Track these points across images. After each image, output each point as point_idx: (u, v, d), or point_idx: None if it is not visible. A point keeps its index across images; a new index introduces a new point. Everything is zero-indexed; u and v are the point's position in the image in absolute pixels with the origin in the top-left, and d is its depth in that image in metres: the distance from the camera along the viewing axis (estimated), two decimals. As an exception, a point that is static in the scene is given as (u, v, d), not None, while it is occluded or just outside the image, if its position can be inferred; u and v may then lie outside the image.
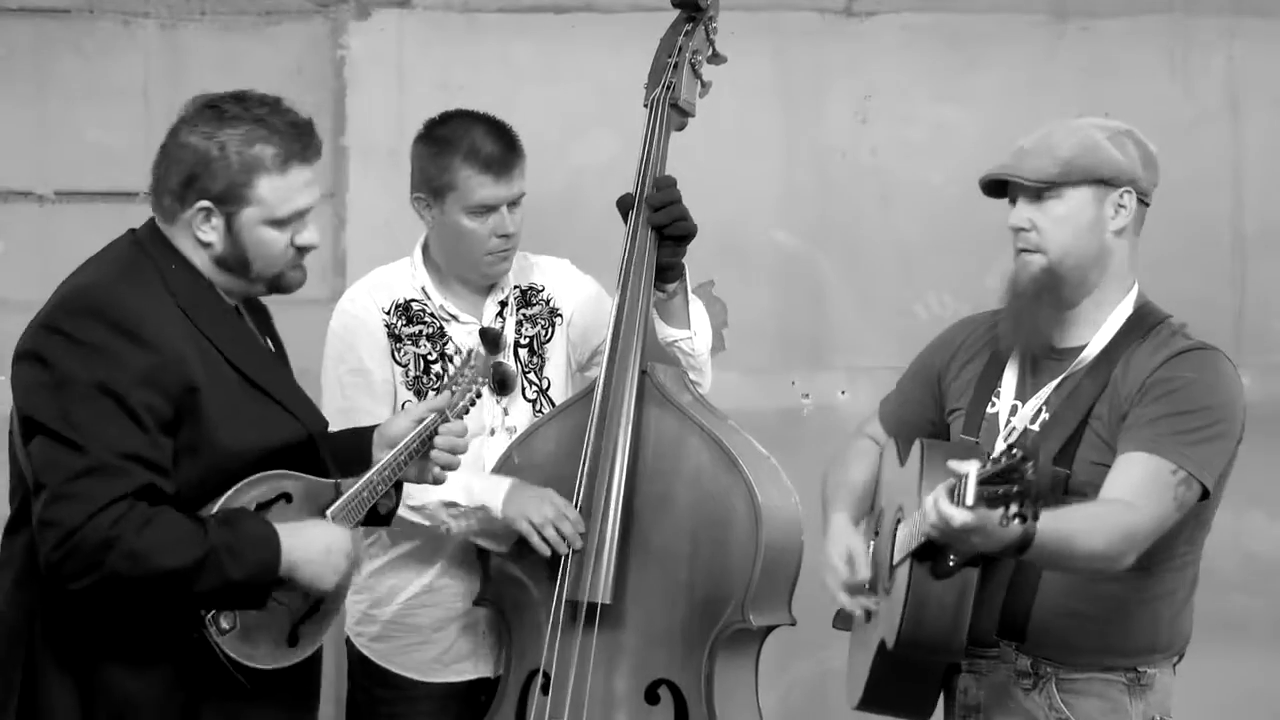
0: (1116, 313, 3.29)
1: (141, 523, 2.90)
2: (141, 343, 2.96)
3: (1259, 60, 4.72)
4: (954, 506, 2.84)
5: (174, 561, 2.91)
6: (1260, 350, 4.68)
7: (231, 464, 3.02)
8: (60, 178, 4.55)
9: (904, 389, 3.54)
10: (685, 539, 3.61)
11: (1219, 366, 3.24)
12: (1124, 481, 3.12)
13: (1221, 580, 4.43)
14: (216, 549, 2.93)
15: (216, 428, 3.01)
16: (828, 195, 4.67)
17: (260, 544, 2.99)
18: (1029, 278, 3.26)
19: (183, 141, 3.08)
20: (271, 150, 3.06)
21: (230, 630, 3.01)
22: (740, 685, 3.66)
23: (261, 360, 3.17)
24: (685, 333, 3.81)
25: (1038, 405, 3.27)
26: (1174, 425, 3.14)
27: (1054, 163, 3.24)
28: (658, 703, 3.61)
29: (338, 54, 4.60)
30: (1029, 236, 3.26)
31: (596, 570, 3.61)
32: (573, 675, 3.61)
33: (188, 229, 3.09)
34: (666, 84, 3.79)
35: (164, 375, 2.97)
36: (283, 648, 3.08)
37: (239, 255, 3.09)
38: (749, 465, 3.61)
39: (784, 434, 4.55)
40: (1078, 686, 3.24)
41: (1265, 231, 4.71)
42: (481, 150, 3.75)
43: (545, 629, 3.64)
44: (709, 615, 3.58)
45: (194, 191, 3.06)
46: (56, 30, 4.55)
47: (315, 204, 3.15)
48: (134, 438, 2.93)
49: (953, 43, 4.69)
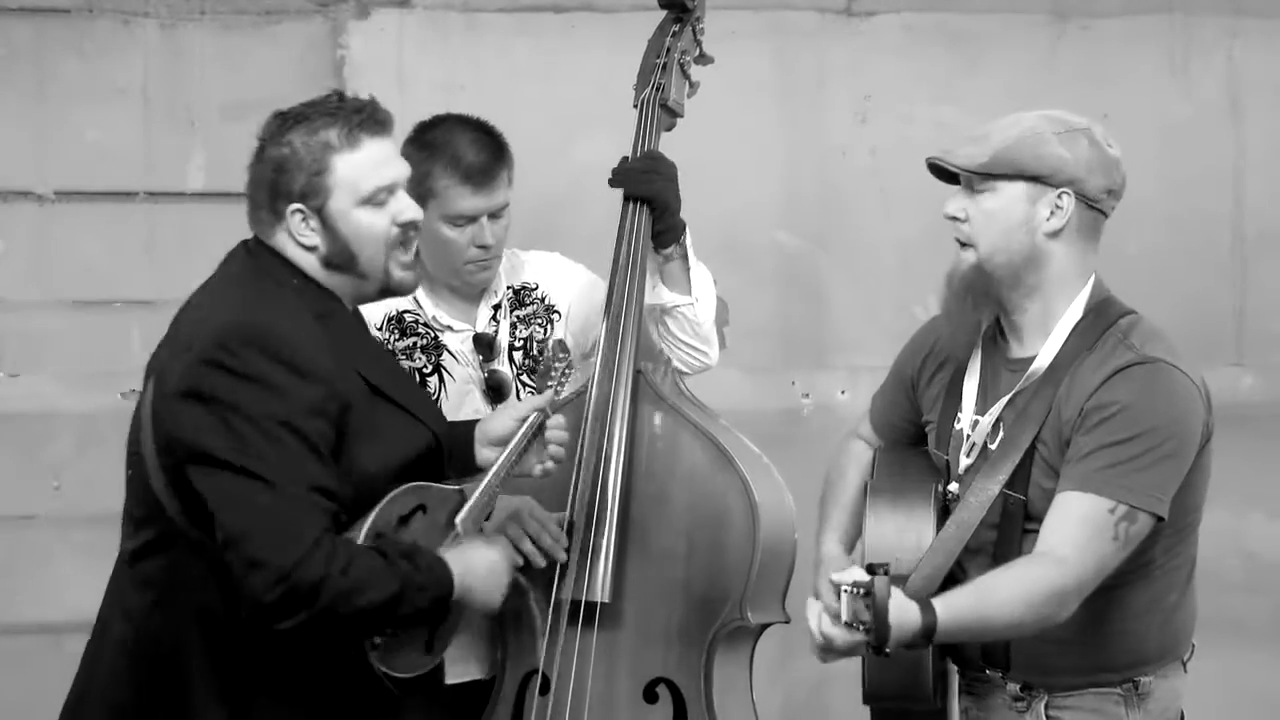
0: (1064, 321, 3.13)
1: (346, 561, 2.92)
2: (304, 373, 2.95)
3: (1259, 60, 4.72)
4: (831, 625, 2.86)
5: (378, 598, 2.95)
6: (1261, 351, 4.69)
7: (374, 481, 3.04)
8: (60, 177, 4.55)
9: (886, 392, 3.49)
10: (682, 538, 3.61)
11: (1160, 380, 3.04)
12: (1058, 529, 3.00)
13: (1222, 580, 4.44)
14: (407, 584, 2.97)
15: (360, 448, 3.03)
16: (828, 195, 4.68)
17: (438, 575, 3.03)
18: (959, 274, 3.14)
19: (260, 158, 3.07)
20: (336, 129, 3.04)
21: (380, 647, 3.03)
22: (737, 682, 3.65)
23: (388, 368, 3.19)
24: (686, 298, 3.77)
25: (993, 420, 3.16)
26: (1112, 456, 2.99)
27: (985, 152, 3.09)
28: (656, 701, 3.60)
29: (337, 54, 4.60)
30: (962, 228, 3.13)
31: (594, 569, 3.59)
32: (571, 675, 3.59)
33: (290, 240, 3.07)
34: (655, 85, 3.77)
35: (328, 403, 2.97)
36: (421, 655, 3.12)
37: (342, 248, 3.07)
38: (744, 463, 3.61)
39: (784, 433, 4.55)
40: (1070, 703, 3.17)
41: (1266, 232, 4.71)
42: (463, 160, 3.71)
43: (541, 629, 3.63)
44: (707, 613, 3.58)
45: (281, 199, 3.05)
46: (56, 30, 4.55)
47: (403, 180, 3.11)
48: (315, 469, 2.94)
49: (953, 43, 4.69)
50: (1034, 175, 3.08)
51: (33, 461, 4.53)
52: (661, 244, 3.72)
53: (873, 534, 3.21)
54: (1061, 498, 3.02)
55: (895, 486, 3.25)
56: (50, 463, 4.51)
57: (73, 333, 4.53)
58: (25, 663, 4.40)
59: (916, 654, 3.05)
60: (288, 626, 2.92)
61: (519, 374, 3.85)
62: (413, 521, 3.08)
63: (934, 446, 3.30)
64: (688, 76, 3.81)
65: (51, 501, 4.49)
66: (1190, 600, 3.23)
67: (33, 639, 4.43)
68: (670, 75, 3.77)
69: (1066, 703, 3.16)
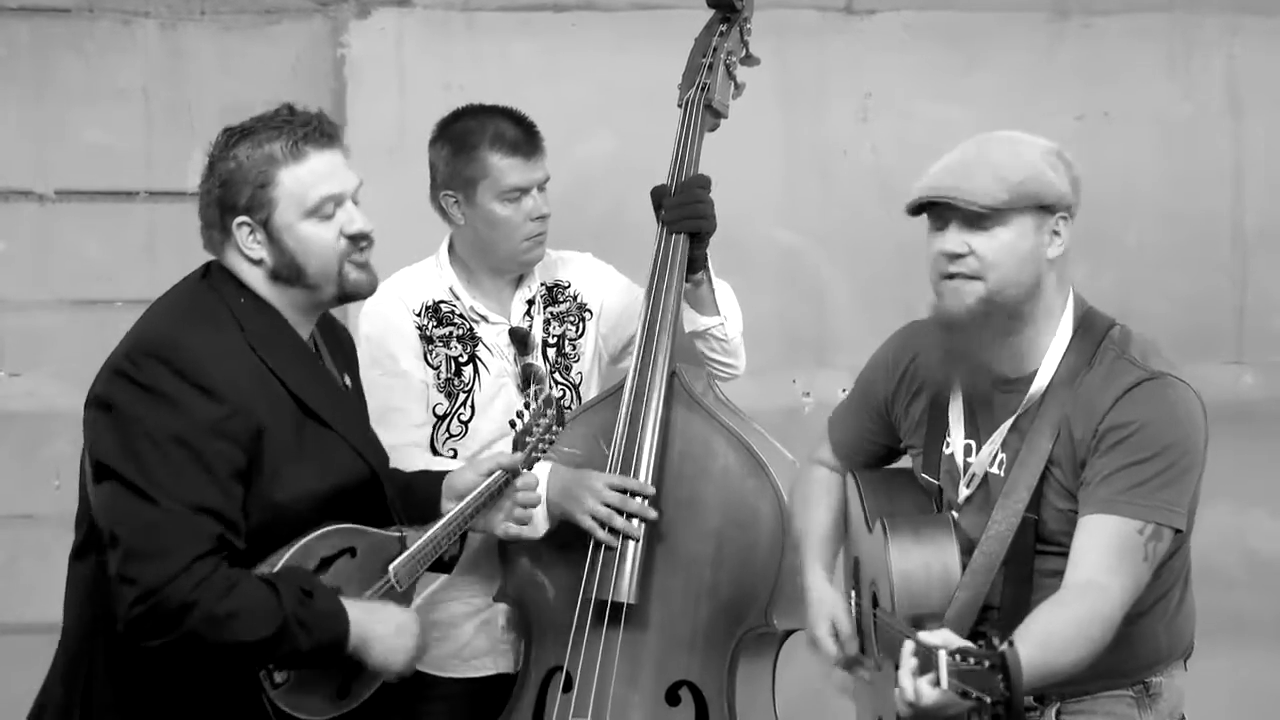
0: (1058, 338, 3.12)
1: (224, 590, 2.89)
2: (209, 391, 2.93)
3: (1260, 58, 4.72)
4: (926, 684, 2.74)
5: (250, 634, 2.91)
6: (1261, 349, 4.69)
7: (294, 506, 3.01)
8: (60, 177, 4.56)
9: (853, 416, 3.44)
10: (711, 541, 3.60)
11: (1171, 397, 3.05)
12: (1092, 555, 2.99)
13: (1224, 577, 4.44)
14: (288, 622, 2.92)
15: (281, 469, 2.99)
16: (829, 194, 4.67)
17: (331, 621, 2.98)
18: (965, 309, 3.06)
19: (209, 174, 3.07)
20: (280, 142, 3.03)
21: (283, 685, 3.00)
22: (760, 688, 3.65)
23: (329, 393, 3.14)
24: (716, 319, 3.80)
25: (994, 448, 3.14)
26: (1134, 477, 3.00)
27: (1004, 187, 3.03)
28: (678, 704, 3.60)
29: (338, 53, 4.60)
30: (967, 262, 3.05)
31: (620, 570, 3.58)
32: (595, 675, 3.59)
33: (239, 255, 3.07)
34: (701, 85, 3.76)
35: (234, 424, 2.94)
36: (332, 699, 3.08)
37: (289, 261, 3.05)
38: (775, 469, 3.60)
39: (786, 432, 4.52)
40: (1084, 707, 3.16)
41: (1266, 230, 4.71)
42: (506, 135, 3.75)
43: (567, 627, 3.62)
44: (733, 618, 3.57)
45: (229, 213, 3.05)
46: (57, 30, 4.55)
47: (351, 190, 3.09)
48: (207, 490, 2.91)
49: (953, 41, 4.69)
50: (1042, 205, 3.07)
51: (33, 460, 4.53)
52: (690, 270, 3.72)
53: (900, 570, 3.15)
54: (1088, 522, 3.02)
55: (908, 517, 3.22)
56: (51, 461, 4.50)
57: (73, 332, 4.52)
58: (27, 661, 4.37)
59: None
60: (153, 646, 2.89)
61: (552, 371, 3.86)
62: (337, 563, 3.04)
63: (920, 471, 3.28)
64: (733, 77, 3.81)
65: (52, 500, 4.48)
66: (1190, 598, 3.24)
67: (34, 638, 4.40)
68: (716, 75, 3.77)
69: (1079, 707, 3.15)
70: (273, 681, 2.99)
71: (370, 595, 3.10)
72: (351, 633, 3.00)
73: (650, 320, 3.67)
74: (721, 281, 3.82)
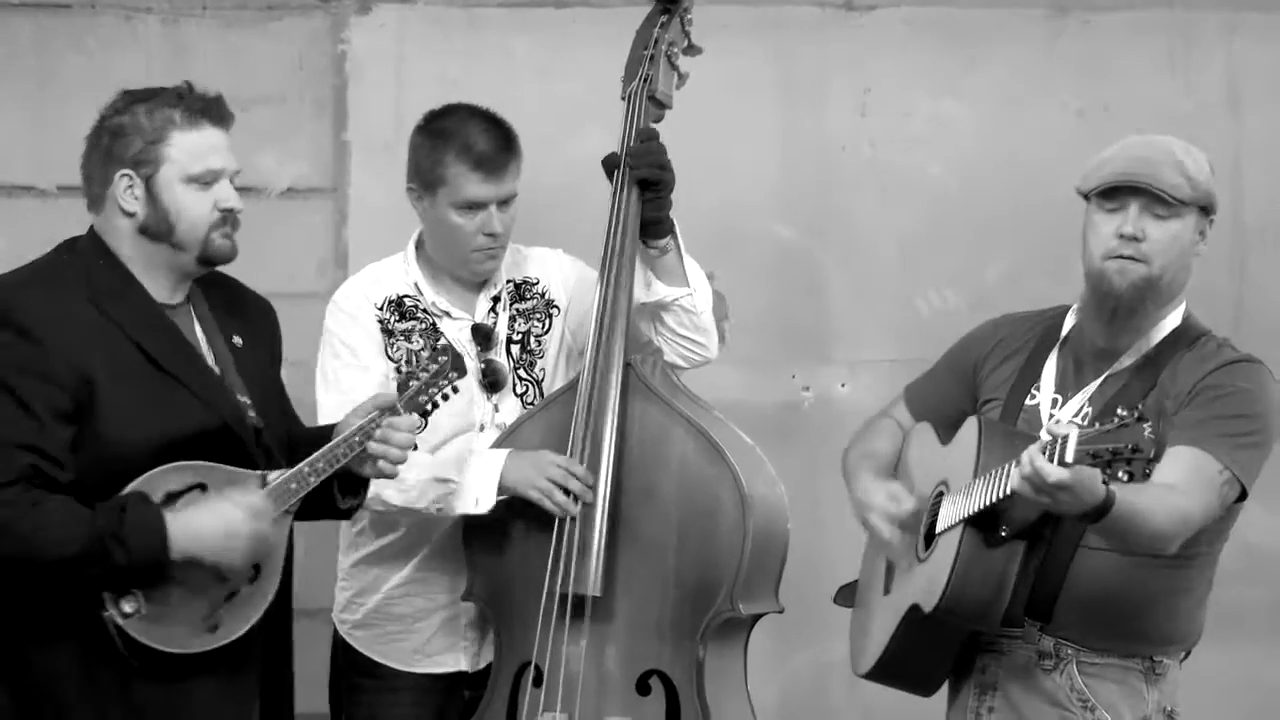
0: (1165, 323, 3.33)
1: (28, 508, 3.00)
2: (31, 338, 3.06)
3: (1259, 54, 4.72)
4: (1050, 464, 2.90)
5: (60, 549, 3.00)
6: (1259, 344, 4.65)
7: (132, 452, 3.09)
8: (62, 172, 4.51)
9: (936, 377, 3.56)
10: (673, 530, 3.62)
11: (1264, 379, 3.30)
12: (1175, 471, 3.15)
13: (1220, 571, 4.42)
14: (102, 536, 3.00)
15: (113, 416, 3.09)
16: (828, 189, 4.68)
17: (146, 530, 3.04)
18: (1129, 284, 3.26)
19: (99, 128, 3.22)
20: (180, 110, 3.19)
21: (133, 614, 3.05)
22: (730, 674, 3.67)
23: (177, 347, 3.21)
24: (684, 290, 3.79)
25: (1082, 402, 3.31)
26: (1223, 428, 3.20)
27: (1189, 184, 3.27)
28: (649, 693, 3.62)
29: (339, 49, 4.62)
30: (1139, 246, 3.26)
31: (585, 563, 3.61)
32: (564, 668, 3.62)
33: (115, 206, 3.19)
34: (644, 76, 3.78)
35: (54, 366, 3.06)
36: (200, 634, 3.12)
37: (161, 218, 3.18)
38: (734, 455, 3.62)
39: (784, 426, 4.56)
40: (1097, 670, 3.27)
41: (1265, 225, 4.71)
42: (475, 147, 3.74)
43: (534, 622, 3.64)
44: (699, 605, 3.60)
45: (113, 162, 3.18)
46: (59, 25, 4.57)
47: (231, 171, 3.23)
48: (21, 425, 3.04)
49: (952, 37, 4.69)
50: (1206, 207, 3.32)
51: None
52: (654, 235, 3.73)
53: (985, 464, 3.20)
54: (1175, 450, 3.18)
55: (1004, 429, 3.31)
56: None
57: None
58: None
59: (1008, 569, 3.13)
60: None
61: (516, 368, 3.86)
62: (185, 497, 3.10)
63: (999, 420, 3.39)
64: (676, 68, 3.82)
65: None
66: (1206, 602, 3.37)
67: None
68: (658, 66, 3.78)
69: (1094, 670, 3.26)
70: (122, 612, 3.04)
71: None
72: (172, 539, 3.06)
73: (604, 312, 3.70)
74: (690, 258, 3.81)
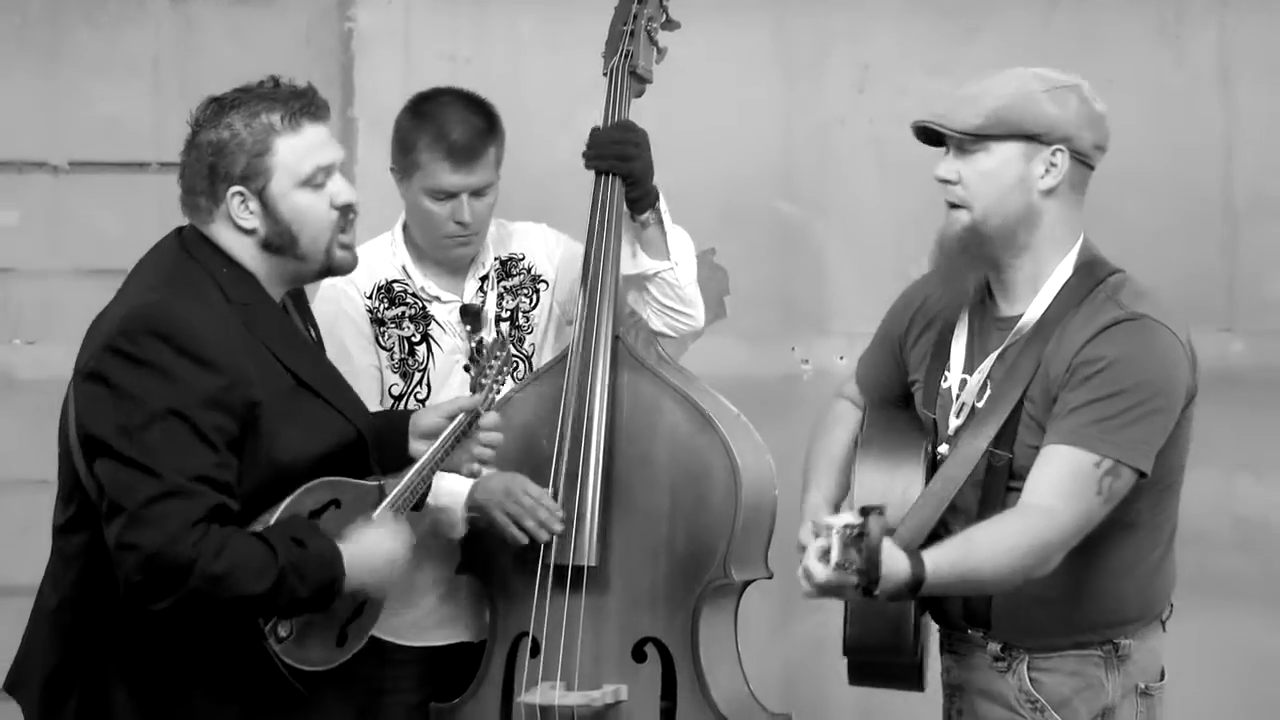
0: (1054, 278, 3.14)
1: (218, 548, 2.94)
2: (205, 364, 2.98)
3: (1251, 30, 4.72)
4: (820, 564, 2.80)
5: (250, 587, 2.96)
6: (1250, 316, 4.70)
7: (289, 472, 3.06)
8: (73, 148, 4.59)
9: (873, 352, 3.46)
10: (665, 499, 3.66)
11: (1146, 337, 3.05)
12: (1044, 482, 3.00)
13: (1211, 541, 4.48)
14: (286, 571, 2.98)
15: (275, 439, 3.04)
16: (827, 164, 4.70)
17: (326, 562, 3.03)
18: (953, 235, 3.12)
19: (197, 142, 3.10)
20: (278, 113, 3.08)
21: (287, 638, 3.06)
22: (722, 639, 3.72)
23: (311, 359, 3.19)
24: (666, 263, 3.79)
25: (981, 379, 3.17)
26: (1098, 412, 3.00)
27: (979, 114, 3.08)
28: (645, 660, 3.66)
29: (345, 26, 4.63)
30: (955, 190, 3.12)
31: (580, 534, 3.65)
32: (561, 637, 3.65)
33: (228, 223, 3.10)
34: (624, 52, 3.80)
35: (229, 395, 2.99)
36: (332, 648, 3.14)
37: (283, 230, 3.09)
38: (723, 423, 3.66)
39: (784, 399, 4.60)
40: (1051, 664, 3.16)
41: (1256, 200, 4.72)
42: (448, 136, 3.72)
43: (530, 593, 3.68)
44: (692, 573, 3.64)
45: (221, 181, 3.08)
46: (69, 2, 4.59)
47: (339, 162, 3.14)
48: (204, 460, 2.96)
49: (950, 12, 4.70)
50: (1029, 134, 3.08)
51: (48, 428, 4.55)
52: (637, 210, 3.75)
53: (861, 486, 3.21)
54: (1047, 451, 3.03)
55: (884, 442, 3.26)
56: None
57: (86, 301, 4.53)
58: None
59: (899, 607, 3.07)
60: (160, 608, 2.95)
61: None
62: (324, 515, 3.10)
63: (921, 405, 3.29)
64: (655, 43, 3.83)
65: (67, 466, 4.55)
66: (1170, 561, 3.23)
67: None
68: (638, 42, 3.79)
69: (1047, 664, 3.17)
70: (278, 637, 3.05)
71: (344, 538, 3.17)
72: (347, 572, 3.07)
73: (591, 286, 3.71)
74: (678, 229, 3.82)
